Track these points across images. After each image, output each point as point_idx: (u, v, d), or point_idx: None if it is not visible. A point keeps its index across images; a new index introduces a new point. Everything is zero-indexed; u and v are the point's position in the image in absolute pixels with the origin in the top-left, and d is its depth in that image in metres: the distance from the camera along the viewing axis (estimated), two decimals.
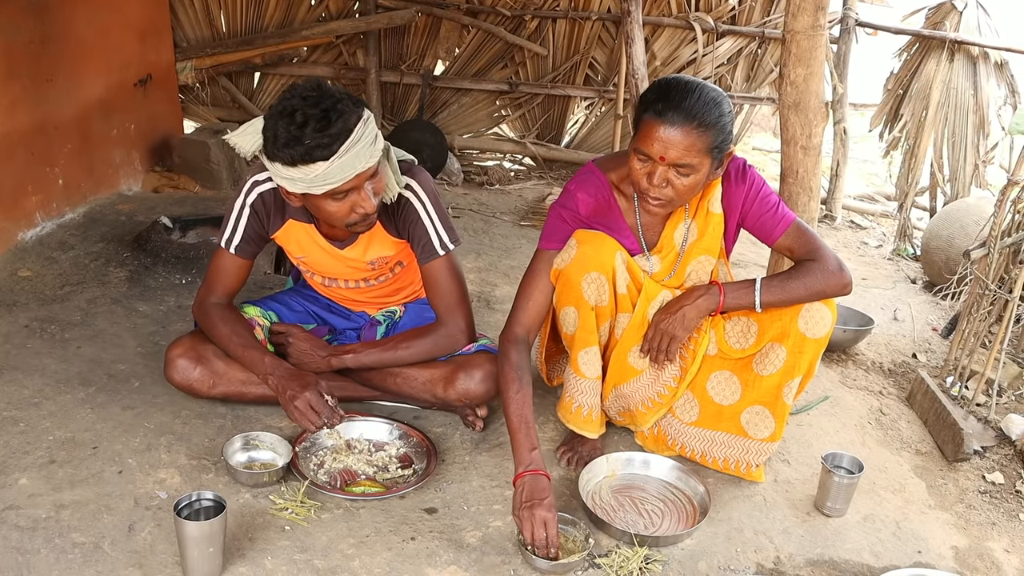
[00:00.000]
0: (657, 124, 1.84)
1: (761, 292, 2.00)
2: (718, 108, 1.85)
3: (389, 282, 2.38)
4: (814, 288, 2.00)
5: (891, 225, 4.86)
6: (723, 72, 4.85)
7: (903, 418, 2.69)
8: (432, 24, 4.84)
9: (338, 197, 1.94)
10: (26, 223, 3.15)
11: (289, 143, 1.85)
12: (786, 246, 2.07)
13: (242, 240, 2.19)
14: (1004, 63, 4.02)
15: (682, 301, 2.04)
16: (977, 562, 2.05)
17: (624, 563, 1.87)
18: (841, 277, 2.01)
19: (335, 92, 1.90)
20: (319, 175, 1.88)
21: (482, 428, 2.34)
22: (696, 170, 1.88)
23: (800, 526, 2.08)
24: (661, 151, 1.85)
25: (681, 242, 2.08)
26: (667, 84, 1.87)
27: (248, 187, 2.16)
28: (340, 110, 1.86)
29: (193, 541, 1.68)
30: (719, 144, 1.88)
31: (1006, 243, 2.72)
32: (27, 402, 2.25)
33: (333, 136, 1.85)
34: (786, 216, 2.06)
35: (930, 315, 3.60)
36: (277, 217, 2.19)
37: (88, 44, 3.47)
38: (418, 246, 2.20)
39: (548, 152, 5.09)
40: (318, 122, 1.84)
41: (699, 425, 2.16)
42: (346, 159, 1.88)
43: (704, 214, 2.06)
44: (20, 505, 1.87)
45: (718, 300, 2.01)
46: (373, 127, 1.94)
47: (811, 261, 2.02)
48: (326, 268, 2.30)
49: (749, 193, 2.04)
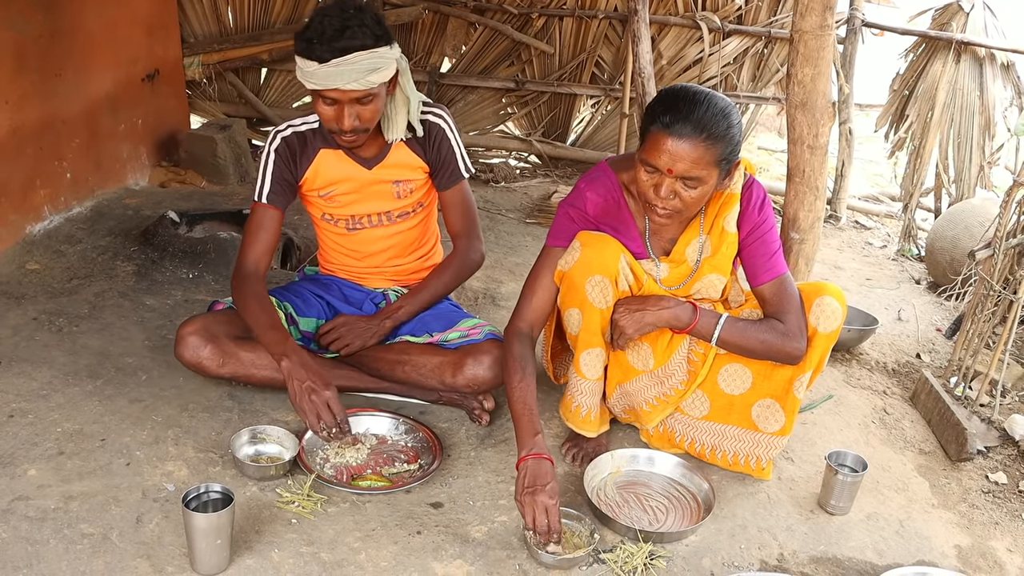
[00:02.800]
0: (665, 137, 1.82)
1: (723, 328, 1.99)
2: (726, 120, 1.84)
3: (409, 227, 2.47)
4: (771, 347, 2.00)
5: (895, 226, 4.86)
6: (729, 71, 4.85)
7: (907, 418, 2.70)
8: (439, 21, 4.85)
9: (325, 102, 2.14)
10: (34, 217, 3.16)
11: (304, 35, 2.10)
12: (764, 295, 2.05)
13: (271, 189, 2.31)
14: (1010, 64, 4.01)
15: (648, 304, 2.01)
16: (980, 561, 2.06)
17: (629, 559, 1.88)
18: (798, 347, 1.99)
19: (367, 18, 2.10)
20: (307, 72, 2.10)
21: (488, 422, 2.35)
22: (704, 182, 1.87)
23: (804, 524, 2.09)
24: (669, 164, 1.84)
25: (695, 258, 2.07)
26: (674, 95, 1.86)
27: (272, 137, 2.33)
28: (355, 32, 2.06)
29: (201, 533, 1.69)
30: (727, 156, 1.87)
31: (1011, 244, 2.72)
32: (35, 394, 2.26)
33: (333, 47, 2.05)
34: (778, 266, 2.05)
35: (934, 315, 3.60)
36: (303, 157, 2.34)
37: (96, 39, 3.48)
38: (446, 168, 2.39)
39: (554, 150, 5.10)
40: (332, 31, 2.06)
41: (709, 419, 2.17)
42: (332, 71, 2.06)
43: (719, 232, 2.04)
44: (29, 496, 1.89)
45: (688, 322, 2.00)
46: (375, 62, 2.10)
47: (778, 321, 2.00)
48: (352, 199, 2.38)
49: (760, 227, 2.04)
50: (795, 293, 2.02)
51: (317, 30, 2.07)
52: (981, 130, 4.05)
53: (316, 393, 2.06)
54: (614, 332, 2.03)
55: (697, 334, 2.02)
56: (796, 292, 2.02)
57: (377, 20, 2.12)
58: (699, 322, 1.98)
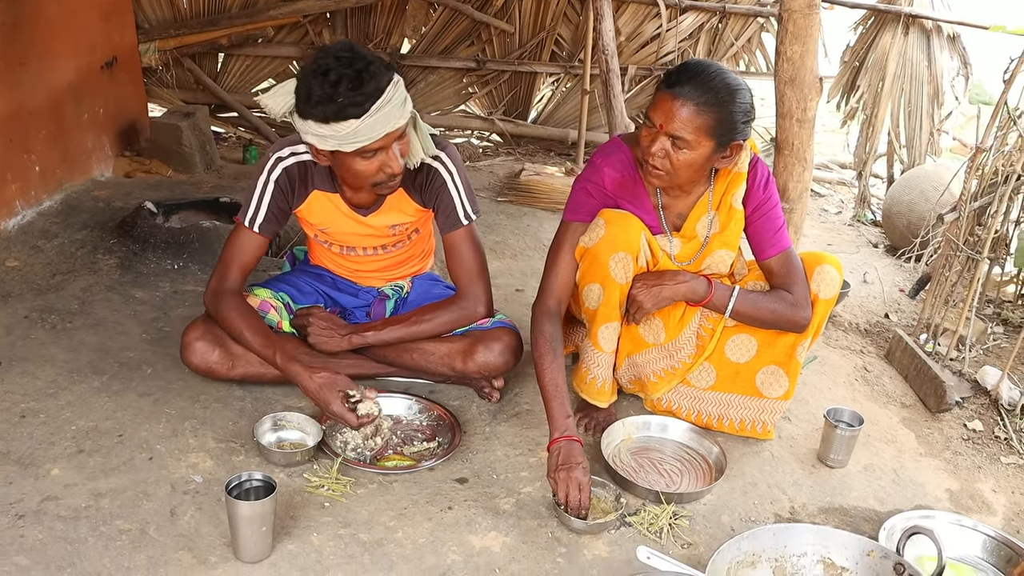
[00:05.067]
0: (666, 94, 1.93)
1: (736, 300, 2.09)
2: (730, 95, 1.92)
3: (404, 249, 2.43)
4: (781, 316, 2.10)
5: (847, 192, 5.06)
6: (685, 47, 4.96)
7: (885, 374, 2.86)
8: (398, 3, 4.82)
9: (367, 156, 2.00)
10: (7, 212, 3.07)
11: (323, 100, 1.91)
12: (770, 268, 2.15)
13: (265, 218, 2.21)
14: (956, 36, 4.21)
15: (664, 279, 2.10)
16: (970, 502, 2.22)
17: (654, 520, 1.97)
18: (806, 315, 2.10)
19: (367, 54, 1.97)
20: (350, 132, 1.94)
21: (498, 399, 2.41)
22: (692, 147, 1.94)
23: (808, 478, 2.22)
24: (662, 118, 1.92)
25: (704, 234, 2.15)
26: (689, 63, 1.95)
27: (272, 163, 2.19)
28: (372, 71, 1.93)
29: (246, 521, 1.71)
30: (724, 129, 1.94)
31: (973, 207, 2.90)
32: (43, 393, 2.22)
33: (366, 95, 1.92)
34: (783, 240, 2.15)
35: (895, 277, 3.79)
36: (302, 190, 2.23)
37: (57, 26, 3.37)
38: (443, 215, 2.26)
39: (516, 128, 5.14)
40: (351, 81, 1.91)
41: (715, 389, 2.26)
42: (377, 118, 1.94)
43: (727, 208, 2.12)
44: (58, 495, 1.87)
45: (704, 295, 2.10)
46: (402, 90, 2.01)
47: (786, 292, 2.11)
48: (347, 237, 2.34)
49: (765, 204, 2.13)
50: (800, 265, 2.13)
51: (331, 91, 1.90)
52: (930, 99, 4.25)
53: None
54: (631, 307, 2.10)
55: (712, 306, 2.11)
56: (800, 264, 2.13)
57: (373, 54, 1.99)
58: (714, 295, 2.08)
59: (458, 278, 2.33)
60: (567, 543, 1.89)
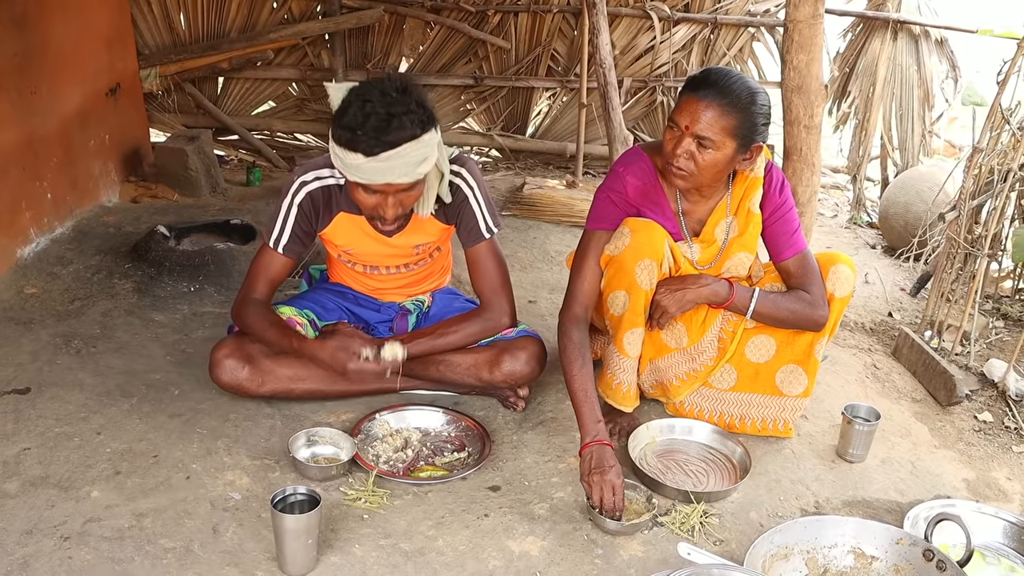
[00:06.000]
0: (690, 97, 2.00)
1: (757, 301, 2.16)
2: (751, 97, 2.00)
3: (426, 268, 2.47)
4: (800, 316, 2.17)
5: (841, 196, 5.15)
6: (679, 58, 5.05)
7: (894, 371, 2.92)
8: (396, 22, 4.88)
9: (367, 191, 2.06)
10: (23, 240, 3.09)
11: (346, 124, 1.97)
12: (788, 270, 2.22)
13: (290, 239, 2.26)
14: (944, 40, 4.32)
15: (687, 283, 2.17)
16: (987, 491, 2.28)
17: (685, 519, 2.02)
18: (824, 314, 2.18)
19: (412, 103, 1.98)
20: (353, 165, 1.99)
21: (523, 408, 2.45)
22: (717, 147, 2.01)
23: (829, 473, 2.27)
24: (687, 120, 1.99)
25: (723, 237, 2.22)
26: (712, 70, 2.04)
27: (296, 187, 2.23)
28: (403, 122, 1.95)
29: (292, 534, 1.75)
30: (746, 130, 2.02)
31: (972, 205, 2.98)
32: (75, 417, 2.25)
33: (382, 141, 1.95)
34: (799, 242, 2.22)
35: (895, 276, 3.86)
36: (326, 213, 2.27)
37: (65, 55, 3.40)
38: (465, 230, 2.31)
39: (514, 143, 5.20)
40: (379, 121, 1.94)
41: (736, 390, 2.32)
42: (382, 166, 1.98)
43: (745, 212, 2.19)
44: (100, 517, 1.90)
45: (726, 297, 2.16)
46: (424, 152, 2.01)
47: (804, 292, 2.18)
48: (371, 257, 2.38)
49: (781, 208, 2.20)
50: (816, 266, 2.20)
51: (359, 119, 1.93)
52: (921, 102, 4.35)
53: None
54: (655, 312, 2.16)
55: (734, 308, 2.17)
56: (816, 265, 2.20)
57: (421, 103, 2.00)
58: (736, 296, 2.14)
59: (481, 290, 2.37)
60: (603, 544, 1.94)
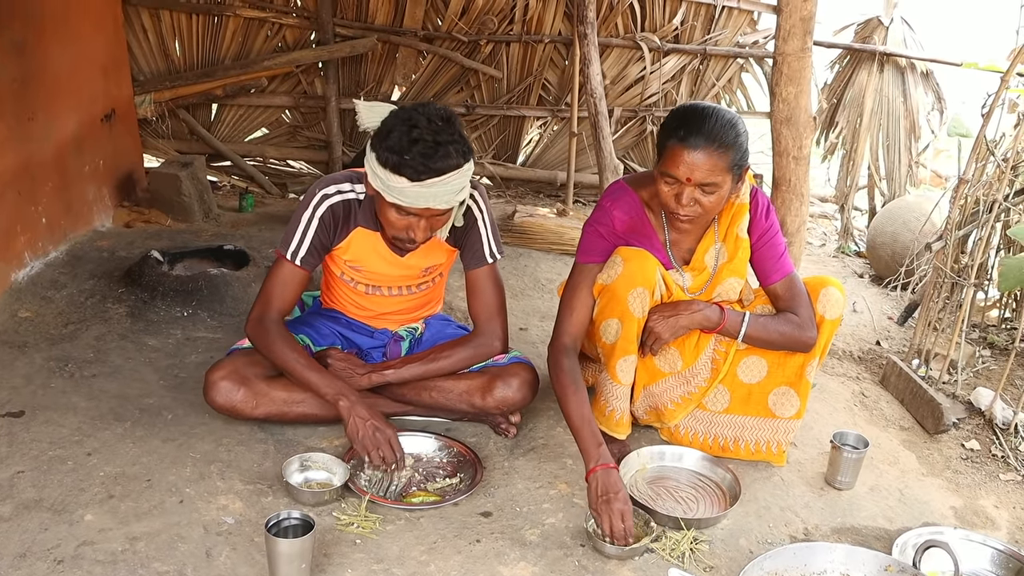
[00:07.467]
0: (681, 149, 2.01)
1: (748, 324, 2.20)
2: (734, 129, 2.04)
3: (426, 292, 2.50)
4: (790, 337, 2.21)
5: (829, 225, 5.22)
6: (669, 88, 5.13)
7: (882, 399, 2.96)
8: (389, 51, 4.95)
9: (400, 212, 2.10)
10: (17, 264, 3.10)
11: (392, 148, 2.00)
12: (776, 293, 2.27)
13: (308, 252, 2.27)
14: (929, 72, 4.42)
15: (680, 309, 2.21)
16: (974, 519, 2.31)
17: (675, 545, 2.03)
18: (812, 335, 2.22)
19: (456, 134, 2.04)
20: (396, 187, 2.03)
21: (515, 434, 2.46)
22: (720, 187, 2.06)
23: (818, 500, 2.29)
24: (687, 173, 2.02)
25: (713, 264, 2.26)
26: (685, 112, 2.06)
27: (317, 200, 2.25)
28: (449, 151, 2.00)
29: (285, 558, 1.75)
30: (738, 161, 2.06)
31: (959, 235, 3.03)
32: (68, 440, 2.25)
33: (429, 168, 2.00)
34: (787, 265, 2.27)
35: (883, 305, 3.91)
36: (344, 228, 2.30)
37: (62, 81, 3.44)
38: (469, 252, 2.35)
39: (505, 171, 5.25)
40: (427, 147, 1.98)
41: (730, 412, 2.34)
42: (425, 191, 2.03)
43: (733, 238, 2.24)
44: (93, 540, 1.89)
45: (717, 322, 2.20)
46: (463, 181, 2.08)
47: (793, 314, 2.22)
48: (377, 276, 2.40)
49: (767, 233, 2.25)
50: (803, 288, 2.24)
51: (405, 143, 1.98)
52: (907, 133, 4.44)
53: (380, 431, 2.18)
54: (649, 338, 2.19)
55: (726, 332, 2.20)
56: (803, 287, 2.24)
57: (462, 134, 2.05)
58: (727, 320, 2.17)
59: (477, 314, 2.40)
60: (593, 571, 1.94)
